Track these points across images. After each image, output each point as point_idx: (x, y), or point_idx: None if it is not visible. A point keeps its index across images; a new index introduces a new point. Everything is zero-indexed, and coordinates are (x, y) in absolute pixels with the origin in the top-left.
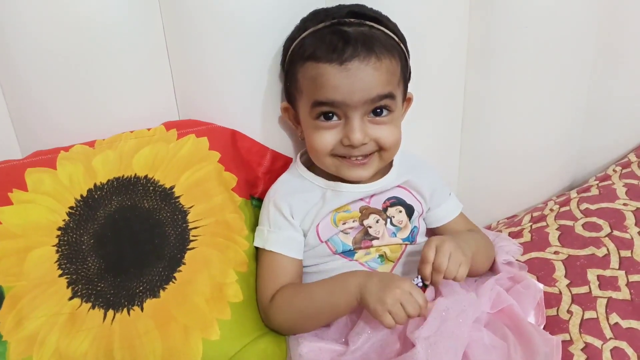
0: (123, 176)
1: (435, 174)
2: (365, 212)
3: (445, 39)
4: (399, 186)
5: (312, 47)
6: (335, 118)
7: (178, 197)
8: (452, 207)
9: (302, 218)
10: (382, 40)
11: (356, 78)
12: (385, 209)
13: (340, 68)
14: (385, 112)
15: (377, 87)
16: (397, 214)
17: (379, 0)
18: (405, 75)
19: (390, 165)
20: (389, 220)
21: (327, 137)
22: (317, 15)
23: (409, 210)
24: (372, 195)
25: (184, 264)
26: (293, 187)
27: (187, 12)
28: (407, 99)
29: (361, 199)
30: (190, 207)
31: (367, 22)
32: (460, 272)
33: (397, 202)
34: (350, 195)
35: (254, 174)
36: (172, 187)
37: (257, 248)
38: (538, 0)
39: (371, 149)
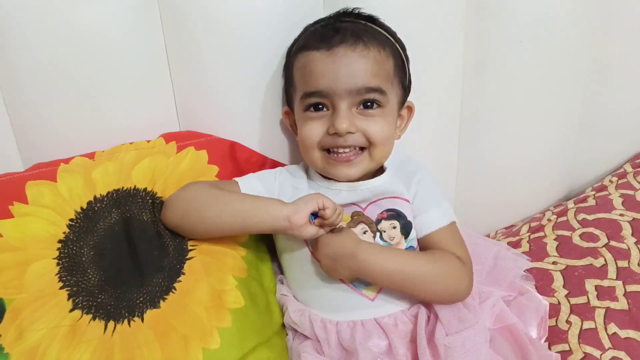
0: (122, 188)
1: (428, 178)
2: (356, 219)
3: (442, 53)
4: (403, 199)
5: (304, 40)
6: (324, 109)
7: None
8: (434, 219)
9: (283, 198)
10: (372, 33)
11: (342, 64)
12: (378, 221)
13: (327, 54)
14: (375, 105)
15: (364, 77)
16: (390, 229)
17: (374, 14)
18: (401, 77)
19: (382, 168)
20: (378, 234)
21: (314, 127)
22: (317, 20)
23: (406, 228)
24: (370, 203)
25: (184, 274)
26: (294, 174)
27: (187, 25)
28: (408, 108)
29: (355, 204)
30: None
31: (361, 21)
32: (319, 243)
33: (395, 216)
34: (338, 195)
35: None
36: None
37: None
38: (532, 15)
39: (359, 142)
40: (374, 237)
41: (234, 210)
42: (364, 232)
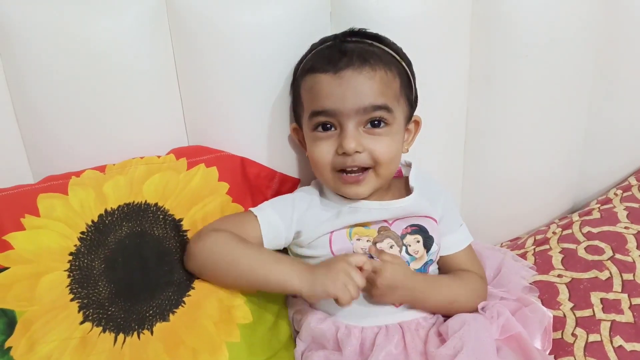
0: (133, 202)
1: (451, 201)
2: (383, 234)
3: (447, 67)
4: (431, 217)
5: (311, 61)
6: (332, 129)
7: (186, 230)
8: (458, 240)
9: (305, 229)
10: (378, 54)
11: (349, 86)
12: (403, 236)
13: (334, 77)
14: (382, 124)
15: (370, 96)
16: (415, 243)
17: (380, 30)
18: (407, 94)
19: (409, 187)
20: (404, 248)
21: (324, 148)
22: (323, 39)
23: (428, 242)
24: (396, 219)
25: (193, 288)
26: (311, 198)
27: (196, 41)
28: (415, 122)
29: (384, 221)
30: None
31: (367, 40)
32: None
33: (419, 230)
34: (367, 213)
35: (263, 197)
36: (180, 220)
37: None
38: (538, 29)
39: (366, 161)
40: (400, 251)
41: (250, 280)
42: (391, 247)
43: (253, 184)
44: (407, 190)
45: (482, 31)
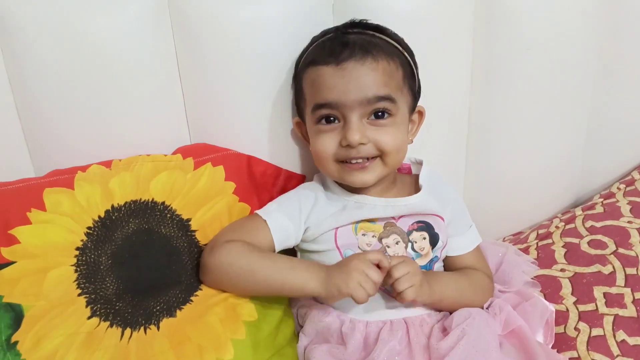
0: (140, 199)
1: (460, 203)
2: (389, 229)
3: (449, 62)
4: (438, 216)
5: (313, 54)
6: (336, 122)
7: (194, 231)
8: (467, 241)
9: (312, 224)
10: (380, 45)
11: (351, 77)
12: (409, 232)
13: (336, 68)
14: (386, 115)
15: (373, 87)
16: (421, 240)
17: (383, 24)
18: (411, 84)
19: (417, 185)
20: (410, 244)
21: (327, 140)
22: (324, 31)
23: (434, 239)
24: (403, 215)
25: (201, 289)
26: (316, 195)
27: (198, 39)
28: (418, 112)
29: (391, 216)
30: (206, 245)
31: (369, 31)
32: (407, 293)
33: (425, 227)
34: (373, 210)
35: (269, 195)
36: (188, 220)
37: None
38: (540, 23)
39: (371, 152)
40: (406, 247)
41: (268, 289)
42: (397, 243)
43: (259, 183)
44: (416, 188)
45: (485, 26)
